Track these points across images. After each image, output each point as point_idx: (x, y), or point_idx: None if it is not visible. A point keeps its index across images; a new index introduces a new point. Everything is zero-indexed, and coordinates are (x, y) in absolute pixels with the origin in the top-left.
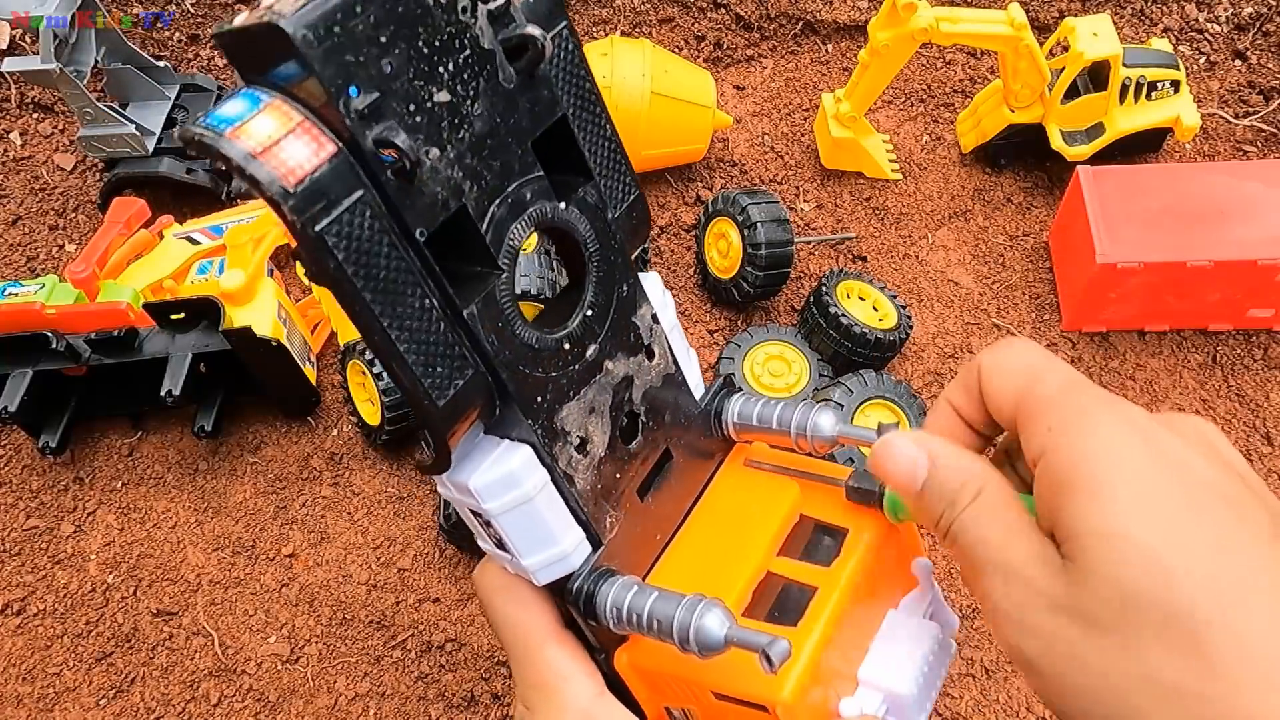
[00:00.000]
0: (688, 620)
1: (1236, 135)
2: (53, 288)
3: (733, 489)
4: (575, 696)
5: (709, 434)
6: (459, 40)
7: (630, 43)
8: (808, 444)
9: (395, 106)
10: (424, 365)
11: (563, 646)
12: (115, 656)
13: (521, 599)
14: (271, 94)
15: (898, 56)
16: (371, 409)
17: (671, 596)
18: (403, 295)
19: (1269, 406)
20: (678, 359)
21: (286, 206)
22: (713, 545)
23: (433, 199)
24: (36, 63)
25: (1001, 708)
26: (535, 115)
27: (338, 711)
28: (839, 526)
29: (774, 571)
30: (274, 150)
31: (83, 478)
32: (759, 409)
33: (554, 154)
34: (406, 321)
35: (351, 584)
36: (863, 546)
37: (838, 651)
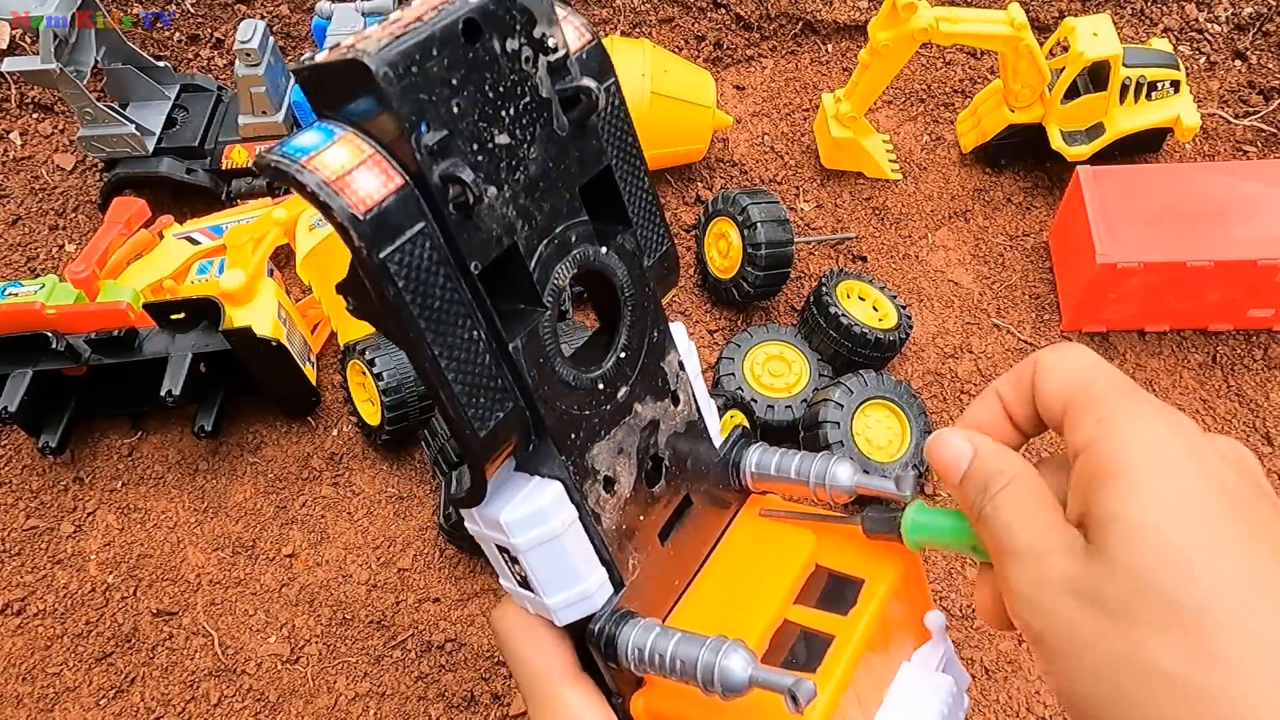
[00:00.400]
0: (712, 661)
1: (1236, 135)
2: (53, 288)
3: (749, 537)
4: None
5: (726, 483)
6: (520, 88)
7: (630, 43)
8: (826, 495)
9: (460, 145)
10: (469, 395)
11: (580, 689)
12: (115, 656)
13: (540, 639)
14: (344, 128)
15: (898, 56)
16: (371, 409)
17: (694, 638)
18: (454, 325)
19: (1269, 406)
20: (700, 407)
21: (354, 233)
22: (730, 592)
23: (488, 235)
24: (36, 63)
25: (1001, 708)
26: (584, 163)
27: (338, 711)
28: (855, 577)
29: (790, 619)
30: (346, 180)
31: (83, 478)
32: (777, 460)
33: (597, 201)
34: (456, 351)
35: (351, 584)
36: (879, 596)
37: (854, 701)
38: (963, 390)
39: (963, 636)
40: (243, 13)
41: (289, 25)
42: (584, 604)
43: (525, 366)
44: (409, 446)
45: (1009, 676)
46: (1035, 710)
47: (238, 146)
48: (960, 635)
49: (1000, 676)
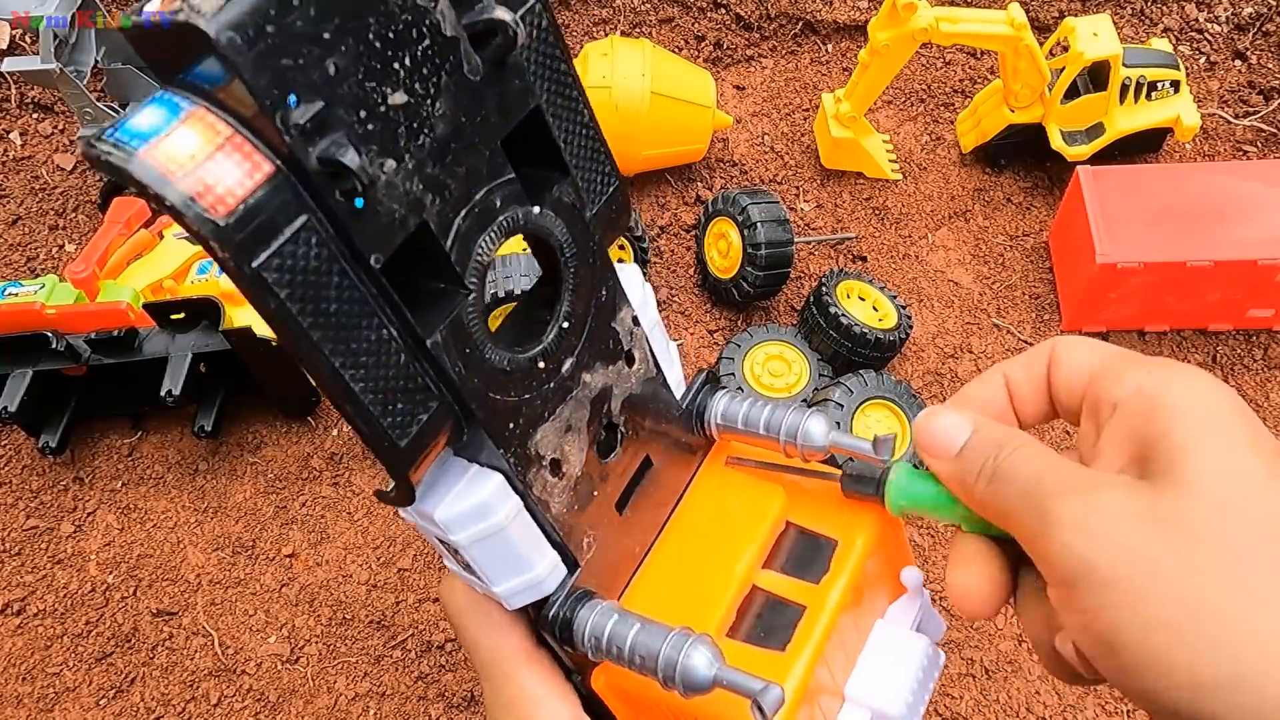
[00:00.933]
0: (674, 658)
1: (1236, 135)
2: (53, 288)
3: (714, 492)
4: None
5: (690, 431)
6: (416, 29)
7: (630, 43)
8: (797, 452)
9: (343, 115)
10: (382, 405)
11: (536, 668)
12: (115, 656)
13: (491, 619)
14: (194, 101)
15: (898, 56)
16: None
17: (656, 629)
18: (356, 330)
19: (1269, 406)
20: (658, 359)
21: (214, 242)
22: (694, 558)
23: (389, 219)
24: (36, 63)
25: (1001, 708)
26: (505, 110)
27: (338, 711)
28: (828, 536)
29: (759, 586)
30: (198, 173)
31: (83, 478)
32: (745, 410)
33: (525, 150)
34: (361, 359)
35: (351, 584)
36: (853, 561)
37: (825, 668)
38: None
39: (963, 636)
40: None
41: None
42: (535, 589)
43: (449, 361)
44: None
45: (1009, 676)
46: (1035, 710)
47: None
48: (961, 635)
49: (1000, 676)
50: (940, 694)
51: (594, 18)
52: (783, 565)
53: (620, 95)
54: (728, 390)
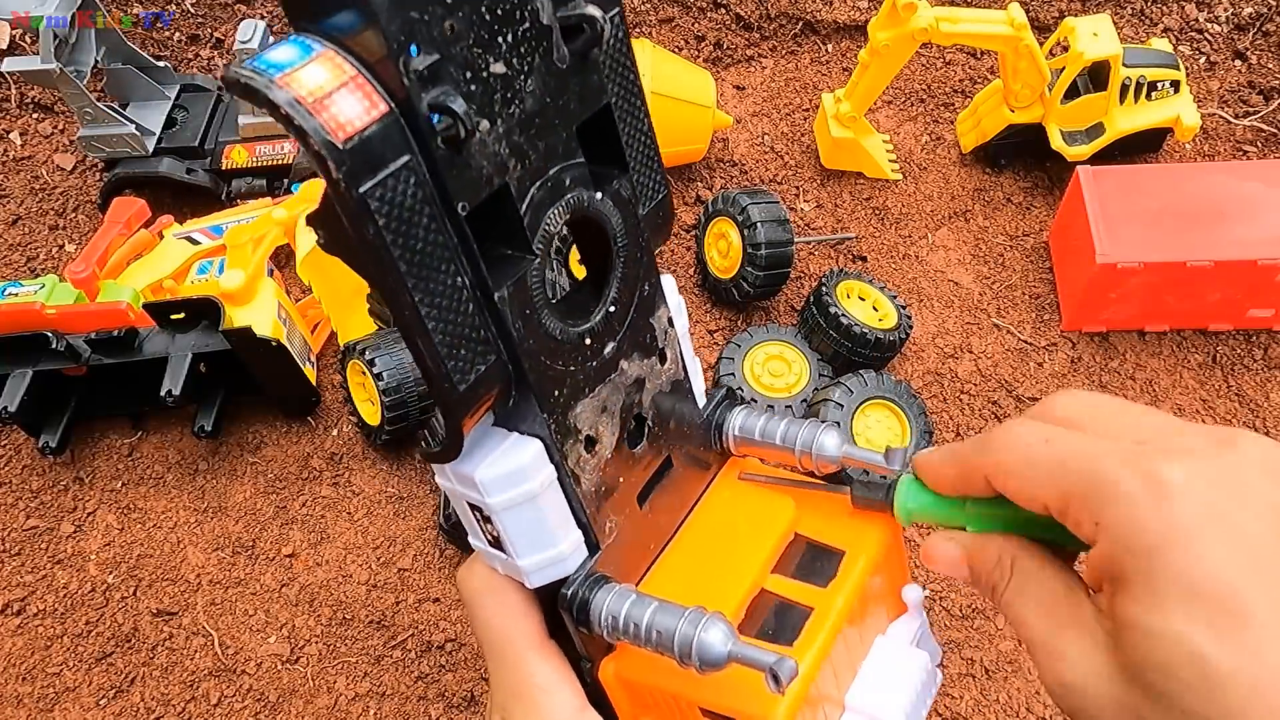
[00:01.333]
0: (690, 634)
1: (1236, 135)
2: (53, 288)
3: (728, 502)
4: (557, 709)
5: (708, 445)
6: (520, 11)
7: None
8: (811, 463)
9: (453, 71)
10: (448, 347)
11: (546, 656)
12: (115, 656)
13: (508, 603)
14: (324, 44)
15: (898, 56)
16: (371, 409)
17: (672, 608)
18: (436, 271)
19: (1269, 406)
20: (686, 365)
21: (332, 161)
22: (706, 558)
23: (478, 173)
24: (36, 63)
25: (1001, 708)
26: (583, 99)
27: (338, 711)
28: (834, 548)
29: (768, 589)
30: (325, 102)
31: (83, 478)
32: (762, 424)
33: (593, 142)
34: (437, 299)
35: (351, 584)
36: (860, 569)
37: (829, 674)
38: (963, 390)
39: (963, 637)
40: (243, 13)
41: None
42: (557, 567)
43: (510, 318)
44: (409, 446)
45: (1009, 676)
46: (1035, 710)
47: (238, 146)
48: (961, 635)
49: (1000, 676)
50: (940, 694)
51: None
52: (791, 571)
53: None
54: (745, 405)
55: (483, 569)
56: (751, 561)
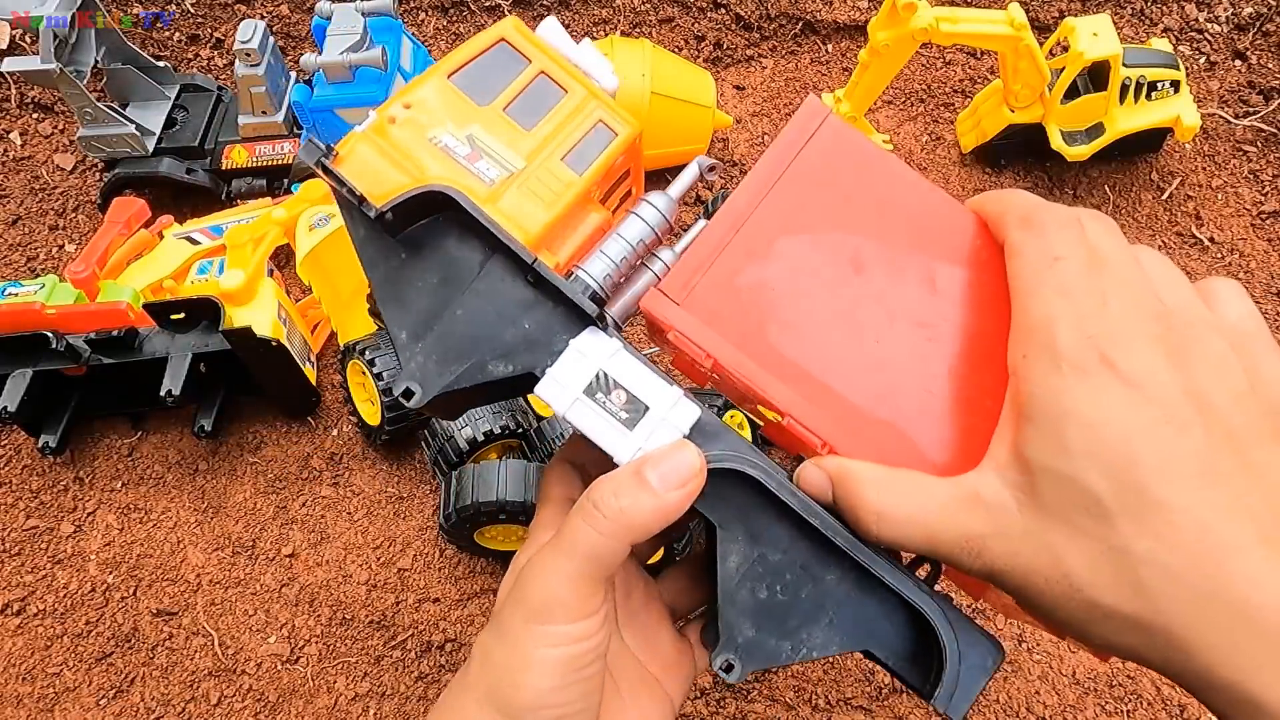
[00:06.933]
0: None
1: (1236, 135)
2: (53, 288)
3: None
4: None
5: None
6: None
7: (630, 43)
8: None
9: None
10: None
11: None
12: (115, 656)
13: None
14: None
15: (898, 56)
16: (371, 409)
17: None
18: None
19: None
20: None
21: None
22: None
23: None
24: (36, 63)
25: (1001, 708)
26: None
27: (338, 711)
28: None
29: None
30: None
31: (83, 478)
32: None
33: None
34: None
35: (351, 584)
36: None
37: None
38: None
39: None
40: (243, 13)
41: (289, 25)
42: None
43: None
44: (409, 446)
45: (1009, 676)
46: (1035, 710)
47: (238, 146)
48: None
49: (1000, 676)
50: None
51: (594, 18)
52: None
53: (620, 95)
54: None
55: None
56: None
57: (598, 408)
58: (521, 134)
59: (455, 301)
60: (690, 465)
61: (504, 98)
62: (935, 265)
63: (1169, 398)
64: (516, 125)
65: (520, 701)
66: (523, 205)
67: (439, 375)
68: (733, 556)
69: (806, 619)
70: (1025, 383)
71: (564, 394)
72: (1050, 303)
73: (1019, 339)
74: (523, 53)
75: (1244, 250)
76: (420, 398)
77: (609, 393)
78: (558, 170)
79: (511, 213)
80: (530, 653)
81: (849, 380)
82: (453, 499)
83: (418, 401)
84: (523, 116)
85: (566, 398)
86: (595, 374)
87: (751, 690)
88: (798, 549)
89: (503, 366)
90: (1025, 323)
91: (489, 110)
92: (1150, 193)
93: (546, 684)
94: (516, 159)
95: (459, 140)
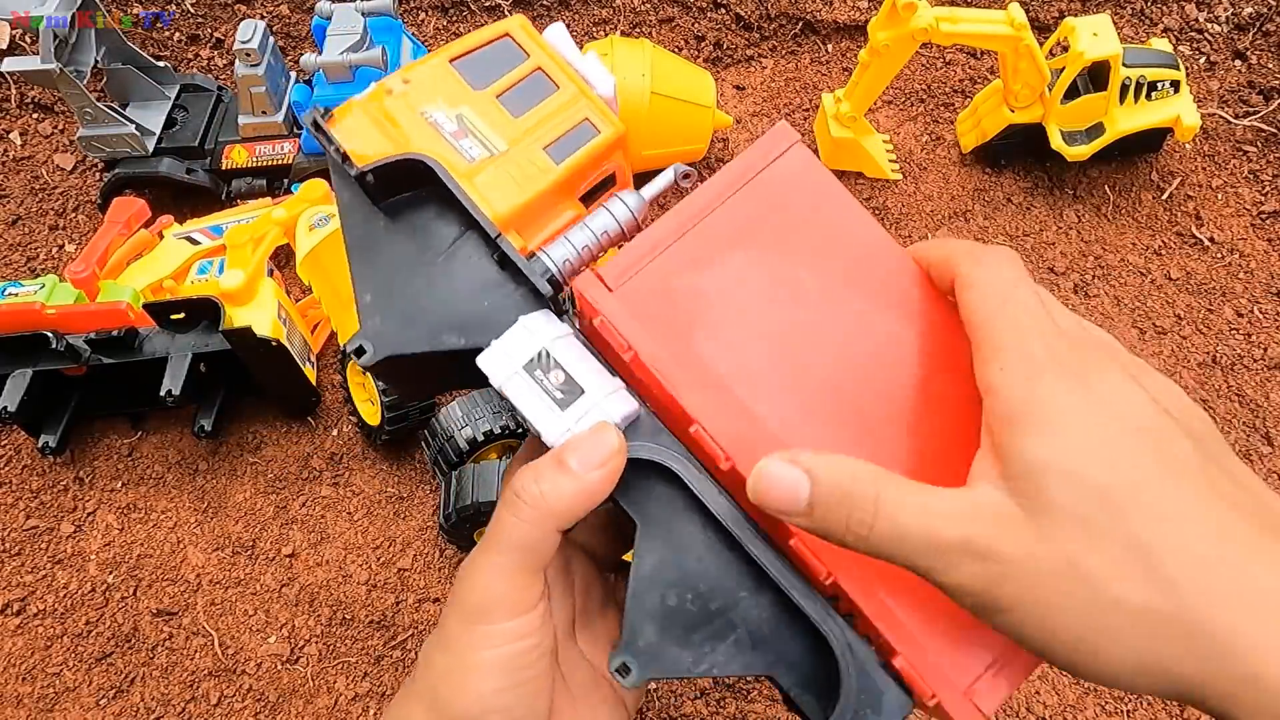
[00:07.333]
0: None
1: (1236, 135)
2: (53, 288)
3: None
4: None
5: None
6: None
7: (630, 43)
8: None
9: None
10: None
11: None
12: (115, 656)
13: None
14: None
15: (898, 56)
16: (371, 409)
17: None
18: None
19: (1269, 406)
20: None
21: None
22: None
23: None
24: (36, 63)
25: (1001, 707)
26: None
27: (338, 711)
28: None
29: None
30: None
31: (83, 478)
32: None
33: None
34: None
35: (351, 584)
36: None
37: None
38: None
39: None
40: (243, 13)
41: (289, 25)
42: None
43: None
44: (409, 446)
45: None
46: (1035, 710)
47: (238, 146)
48: None
49: None
50: None
51: (594, 18)
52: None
53: (620, 95)
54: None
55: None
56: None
57: (534, 384)
58: (509, 120)
59: (423, 273)
60: (609, 445)
61: (498, 86)
62: (873, 302)
63: (1144, 404)
64: (506, 112)
65: (462, 706)
66: (497, 184)
67: (393, 339)
68: (649, 557)
69: (714, 634)
70: (1007, 392)
71: (504, 366)
72: (1018, 320)
73: (990, 357)
74: (524, 48)
75: (1244, 250)
76: (370, 356)
77: (548, 371)
78: (537, 157)
79: (485, 190)
80: (470, 657)
81: (767, 401)
82: (453, 499)
83: (367, 360)
84: (513, 105)
85: (506, 370)
86: (538, 351)
87: (752, 690)
88: (715, 559)
89: (455, 338)
90: (994, 341)
91: (482, 95)
92: (1150, 193)
93: (489, 687)
94: (500, 142)
95: (448, 118)
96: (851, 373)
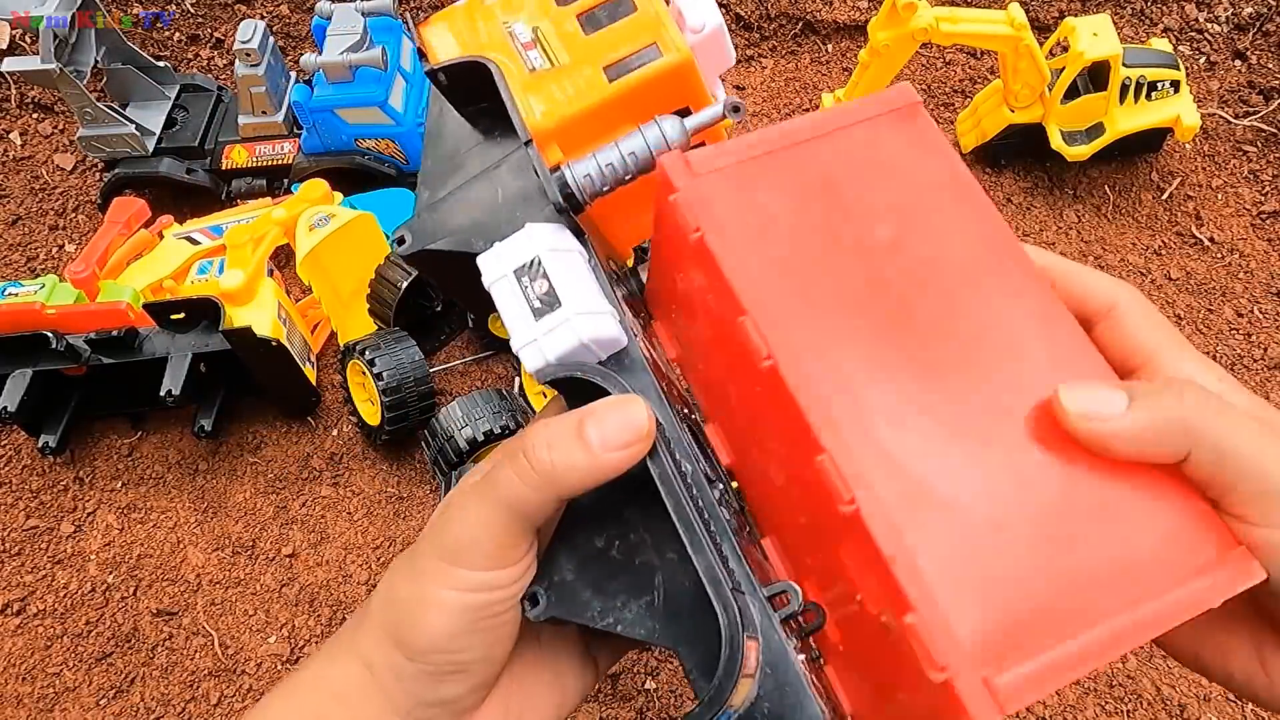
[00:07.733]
0: (646, 134)
1: (1236, 135)
2: (53, 288)
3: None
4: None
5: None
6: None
7: None
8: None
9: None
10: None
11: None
12: (115, 656)
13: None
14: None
15: (898, 56)
16: (371, 409)
17: (626, 138)
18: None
19: None
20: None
21: None
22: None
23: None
24: (36, 63)
25: None
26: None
27: None
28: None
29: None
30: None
31: (83, 478)
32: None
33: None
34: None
35: (351, 584)
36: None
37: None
38: None
39: None
40: (243, 13)
41: (289, 25)
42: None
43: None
44: (409, 446)
45: None
46: (1035, 710)
47: (238, 146)
48: None
49: None
50: None
51: None
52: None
53: None
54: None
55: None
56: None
57: (519, 290)
58: (580, 38)
59: (480, 179)
60: (637, 425)
61: (582, 4)
62: (961, 274)
63: None
64: (580, 30)
65: (415, 641)
66: (544, 95)
67: (429, 234)
68: (592, 493)
69: (629, 589)
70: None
71: (497, 267)
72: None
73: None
74: None
75: (1244, 250)
76: (408, 246)
77: (534, 279)
78: (593, 75)
79: (535, 100)
80: (434, 592)
81: (816, 322)
82: None
83: (405, 249)
84: (589, 25)
85: (497, 272)
86: (531, 258)
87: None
88: (654, 512)
89: (481, 244)
90: (1254, 488)
91: (564, 11)
92: (1150, 193)
93: (445, 628)
94: (565, 56)
95: (525, 30)
96: (922, 334)
